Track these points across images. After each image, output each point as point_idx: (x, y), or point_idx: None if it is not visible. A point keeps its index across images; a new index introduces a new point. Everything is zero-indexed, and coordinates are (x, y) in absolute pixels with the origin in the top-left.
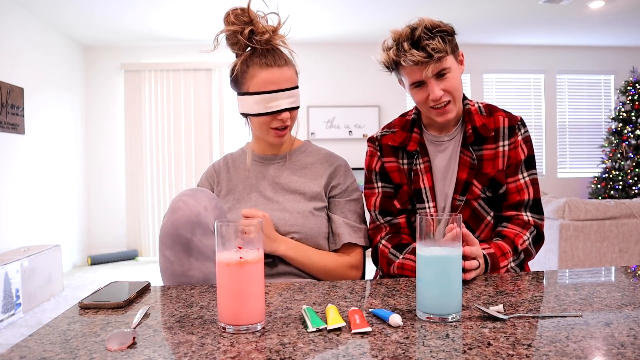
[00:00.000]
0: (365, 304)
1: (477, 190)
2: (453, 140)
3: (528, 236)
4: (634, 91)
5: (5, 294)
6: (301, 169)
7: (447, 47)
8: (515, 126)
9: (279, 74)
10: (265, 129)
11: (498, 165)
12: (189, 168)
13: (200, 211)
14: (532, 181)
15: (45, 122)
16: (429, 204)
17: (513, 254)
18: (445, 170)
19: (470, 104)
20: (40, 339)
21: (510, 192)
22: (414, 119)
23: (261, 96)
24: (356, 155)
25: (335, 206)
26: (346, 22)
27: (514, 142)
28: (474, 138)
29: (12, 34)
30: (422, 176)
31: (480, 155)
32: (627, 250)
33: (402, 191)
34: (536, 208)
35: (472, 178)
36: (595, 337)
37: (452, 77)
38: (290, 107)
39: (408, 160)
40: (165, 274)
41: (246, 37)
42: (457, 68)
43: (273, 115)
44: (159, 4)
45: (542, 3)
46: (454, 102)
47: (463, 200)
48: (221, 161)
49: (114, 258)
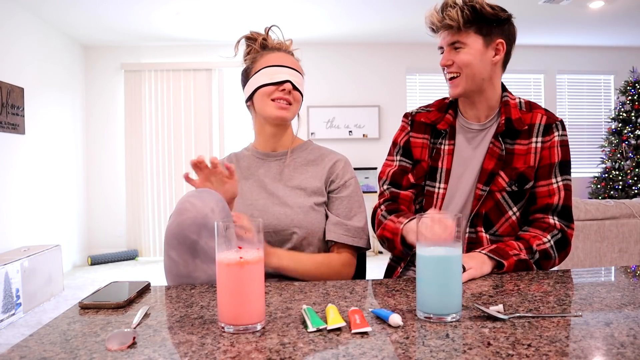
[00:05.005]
0: (365, 304)
1: (502, 183)
2: (485, 130)
3: (549, 239)
4: (634, 91)
5: (6, 294)
6: (302, 166)
7: (464, 21)
8: (553, 125)
9: (285, 57)
10: (268, 101)
11: (529, 161)
12: (189, 168)
13: (207, 213)
14: (565, 187)
15: (45, 122)
16: (440, 184)
17: (527, 253)
18: (471, 159)
19: (510, 97)
20: (40, 339)
21: (540, 195)
22: (451, 102)
23: (267, 69)
24: (356, 155)
25: (332, 202)
26: (346, 22)
27: (550, 141)
28: (506, 129)
29: (13, 34)
30: (443, 156)
31: (512, 149)
32: (627, 250)
33: (420, 167)
34: (565, 214)
35: (499, 169)
36: (595, 337)
37: (465, 53)
38: (292, 80)
39: (435, 139)
40: (170, 275)
41: (260, 44)
42: (478, 49)
43: (276, 87)
44: (159, 4)
45: (542, 3)
46: (463, 78)
47: (486, 191)
48: (225, 159)
49: (114, 258)
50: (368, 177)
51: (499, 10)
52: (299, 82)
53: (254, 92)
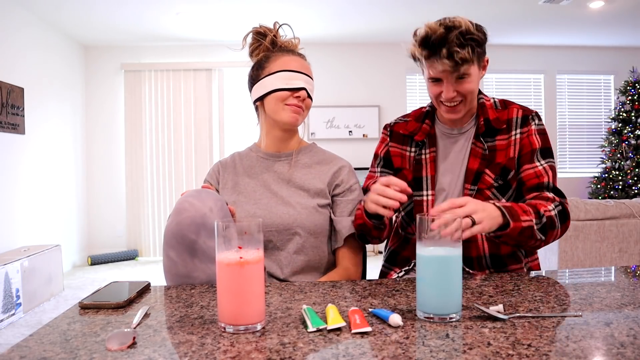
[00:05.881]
0: (365, 304)
1: (489, 180)
2: (465, 134)
3: (553, 207)
4: (634, 91)
5: (6, 293)
6: (306, 167)
7: (474, 57)
8: (529, 117)
9: (300, 61)
10: (282, 105)
11: (509, 153)
12: (189, 168)
13: (205, 212)
14: (550, 167)
15: (45, 122)
16: (428, 191)
17: (535, 217)
18: (455, 162)
19: (486, 99)
20: (40, 339)
21: (527, 178)
22: (427, 111)
23: (284, 73)
24: (356, 155)
25: (338, 205)
26: (347, 22)
27: (527, 130)
28: (486, 129)
29: (13, 34)
30: (425, 165)
31: (493, 145)
32: (627, 250)
33: (401, 175)
34: (557, 191)
35: (484, 168)
36: (595, 337)
37: (469, 82)
38: (307, 88)
39: (416, 149)
40: (169, 274)
41: (270, 40)
42: (477, 74)
43: (292, 93)
44: (159, 4)
45: (542, 3)
46: (465, 102)
47: (475, 190)
48: (228, 158)
49: (114, 258)
50: None
51: (483, 31)
52: (311, 90)
53: (266, 94)
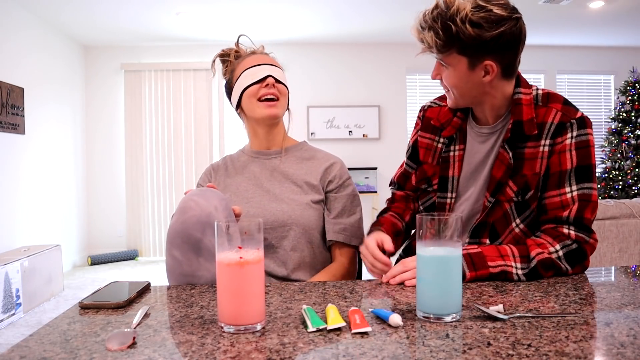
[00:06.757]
0: (365, 304)
1: (510, 193)
2: (495, 134)
3: (557, 249)
4: (634, 91)
5: (6, 294)
6: (297, 164)
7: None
8: (567, 124)
9: (262, 57)
10: (255, 102)
11: (535, 167)
12: (189, 168)
13: (211, 211)
14: (581, 196)
15: (45, 122)
16: (452, 194)
17: (520, 261)
18: (481, 165)
19: (524, 93)
20: (40, 339)
21: (550, 207)
22: None
23: (248, 71)
24: (356, 155)
25: (331, 202)
26: (347, 22)
27: (561, 144)
28: (515, 134)
29: (13, 34)
30: (453, 164)
31: (522, 153)
32: (627, 250)
33: (421, 170)
34: (581, 226)
35: (507, 179)
36: (595, 337)
37: (449, 75)
38: (273, 74)
39: (445, 140)
40: (173, 274)
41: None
42: (463, 72)
43: (259, 84)
44: (159, 4)
45: (542, 3)
46: (454, 95)
47: (493, 201)
48: (220, 161)
49: (114, 258)
50: (368, 177)
51: (486, 28)
52: (280, 75)
53: (241, 97)
